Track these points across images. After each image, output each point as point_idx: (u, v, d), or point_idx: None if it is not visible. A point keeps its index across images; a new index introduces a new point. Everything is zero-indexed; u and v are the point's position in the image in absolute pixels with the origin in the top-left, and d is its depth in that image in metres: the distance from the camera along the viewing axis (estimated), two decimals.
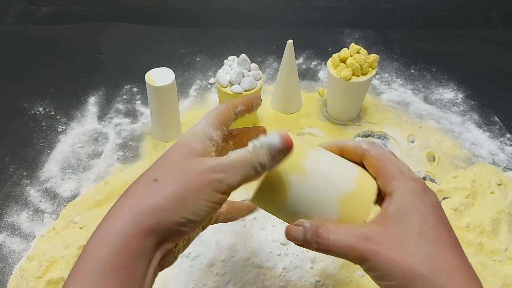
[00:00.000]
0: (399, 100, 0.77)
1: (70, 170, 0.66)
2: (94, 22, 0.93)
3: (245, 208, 0.46)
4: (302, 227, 0.36)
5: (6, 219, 0.60)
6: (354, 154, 0.39)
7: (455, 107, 0.76)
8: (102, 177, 0.65)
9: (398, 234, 0.33)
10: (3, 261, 0.56)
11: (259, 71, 0.67)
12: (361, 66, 0.66)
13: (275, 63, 0.83)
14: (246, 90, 0.65)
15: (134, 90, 0.78)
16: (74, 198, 0.62)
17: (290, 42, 0.67)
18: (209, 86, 0.79)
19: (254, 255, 0.54)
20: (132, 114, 0.74)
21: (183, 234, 0.33)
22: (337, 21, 0.95)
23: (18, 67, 0.83)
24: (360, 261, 0.34)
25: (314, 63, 0.84)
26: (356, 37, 0.90)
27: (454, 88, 0.80)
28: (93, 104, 0.76)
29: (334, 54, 0.68)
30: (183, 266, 0.53)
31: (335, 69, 0.68)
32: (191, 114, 0.74)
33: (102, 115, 0.74)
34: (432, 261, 0.32)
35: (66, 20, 0.94)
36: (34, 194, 0.63)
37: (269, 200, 0.37)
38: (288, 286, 0.52)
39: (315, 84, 0.80)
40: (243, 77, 0.66)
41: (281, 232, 0.56)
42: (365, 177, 0.37)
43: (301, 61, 0.84)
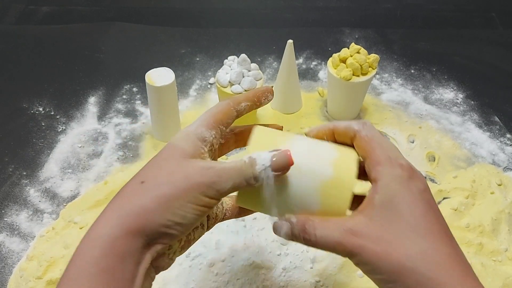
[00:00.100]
0: (399, 100, 0.77)
1: (70, 170, 0.66)
2: (94, 22, 0.93)
3: None
4: (288, 223, 0.35)
5: (5, 219, 0.60)
6: (345, 135, 0.37)
7: (455, 107, 0.76)
8: (102, 177, 0.65)
9: (385, 227, 0.32)
10: (3, 261, 0.56)
11: (259, 71, 0.67)
12: (361, 66, 0.66)
13: (275, 63, 0.83)
14: (246, 90, 0.65)
15: (134, 90, 0.78)
16: (73, 198, 0.62)
17: (290, 42, 0.67)
18: (209, 86, 0.79)
19: (254, 255, 0.54)
20: (132, 114, 0.74)
21: (172, 237, 0.33)
22: (337, 21, 0.95)
23: (18, 67, 0.83)
24: (348, 255, 0.33)
25: (314, 63, 0.84)
26: (356, 37, 0.90)
27: (454, 88, 0.80)
28: (93, 104, 0.76)
29: (334, 54, 0.68)
30: (183, 266, 0.53)
31: (335, 69, 0.68)
32: (191, 114, 0.74)
33: (102, 115, 0.74)
34: (420, 253, 0.31)
35: (66, 20, 0.94)
36: (33, 194, 0.63)
37: (251, 201, 0.37)
38: (288, 286, 0.52)
39: (315, 84, 0.80)
40: (243, 77, 0.66)
41: None
42: (342, 157, 0.36)
43: (301, 61, 0.84)
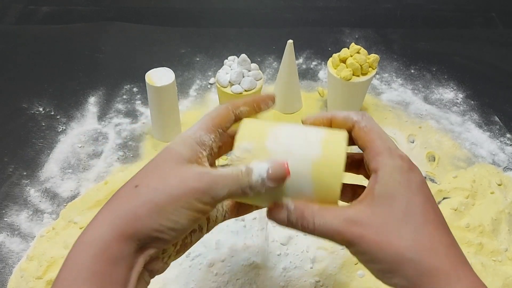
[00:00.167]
0: (399, 100, 0.77)
1: (70, 170, 0.66)
2: (94, 22, 0.93)
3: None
4: (285, 209, 0.35)
5: (5, 219, 0.60)
6: (343, 125, 0.37)
7: (455, 107, 0.76)
8: (102, 177, 0.65)
9: (385, 217, 0.32)
10: (3, 261, 0.56)
11: (259, 71, 0.67)
12: (361, 66, 0.66)
13: (275, 63, 0.83)
14: (246, 90, 0.65)
15: (134, 90, 0.78)
16: (74, 198, 0.62)
17: (290, 42, 0.67)
18: (209, 86, 0.79)
19: (254, 255, 0.54)
20: (132, 114, 0.74)
21: (165, 241, 0.32)
22: (337, 21, 0.95)
23: (18, 67, 0.83)
24: (346, 244, 0.33)
25: (314, 63, 0.84)
26: (356, 37, 0.90)
27: (454, 88, 0.80)
28: (93, 104, 0.76)
29: (334, 54, 0.68)
30: (183, 266, 0.53)
31: (335, 69, 0.68)
32: (191, 114, 0.74)
33: (102, 115, 0.74)
34: (419, 244, 0.32)
35: (66, 20, 0.94)
36: (33, 194, 0.63)
37: None
38: (288, 286, 0.52)
39: (315, 84, 0.80)
40: (243, 77, 0.66)
41: (281, 232, 0.56)
42: (330, 136, 0.36)
43: (301, 61, 0.84)
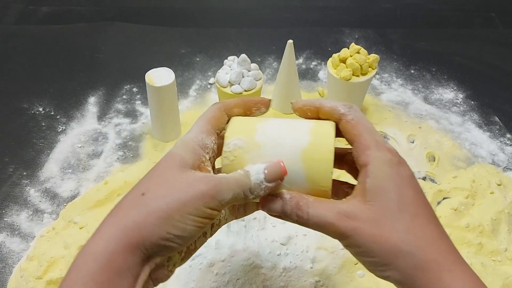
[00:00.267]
0: (399, 100, 0.77)
1: (70, 170, 0.66)
2: (94, 22, 0.93)
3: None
4: (281, 199, 0.35)
5: (5, 219, 0.60)
6: (330, 116, 0.37)
7: (455, 107, 0.76)
8: (102, 177, 0.65)
9: (378, 210, 0.33)
10: (3, 261, 0.56)
11: (259, 71, 0.67)
12: (361, 66, 0.66)
13: (275, 63, 0.83)
14: (246, 90, 0.65)
15: (134, 90, 0.78)
16: (74, 198, 0.62)
17: (290, 42, 0.67)
18: (209, 86, 0.79)
19: (254, 255, 0.54)
20: (132, 114, 0.74)
21: (172, 249, 0.32)
22: (337, 21, 0.95)
23: (18, 67, 0.83)
24: (339, 237, 0.34)
25: (314, 63, 0.84)
26: (356, 37, 0.90)
27: (454, 88, 0.80)
28: (93, 104, 0.76)
29: (334, 54, 0.68)
30: (183, 266, 0.53)
31: (335, 69, 0.68)
32: (191, 114, 0.74)
33: (102, 115, 0.74)
34: (412, 236, 0.32)
35: (66, 20, 0.94)
36: (33, 194, 0.63)
37: None
38: (288, 286, 0.52)
39: (315, 84, 0.80)
40: (243, 77, 0.66)
41: (281, 232, 0.56)
42: (318, 125, 0.37)
43: (301, 61, 0.84)
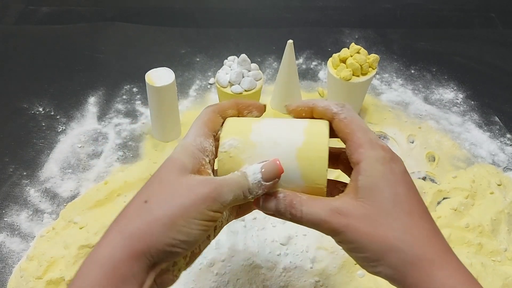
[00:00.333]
0: (399, 100, 0.77)
1: (70, 170, 0.66)
2: (94, 22, 0.93)
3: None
4: (275, 198, 0.35)
5: (5, 219, 0.60)
6: (323, 116, 0.38)
7: (455, 107, 0.76)
8: (102, 177, 0.65)
9: (370, 207, 0.33)
10: (3, 261, 0.56)
11: (259, 71, 0.67)
12: (361, 66, 0.66)
13: (275, 63, 0.83)
14: (246, 90, 0.65)
15: (134, 90, 0.78)
16: (74, 198, 0.62)
17: (290, 42, 0.67)
18: (209, 86, 0.79)
19: (254, 255, 0.54)
20: (132, 114, 0.74)
21: (178, 255, 0.32)
22: (337, 21, 0.95)
23: (18, 67, 0.83)
24: (332, 233, 0.34)
25: (314, 63, 0.84)
26: (356, 37, 0.90)
27: (454, 88, 0.80)
28: (92, 104, 0.76)
29: (334, 54, 0.68)
30: None
31: (335, 69, 0.68)
32: (191, 114, 0.74)
33: (102, 115, 0.74)
34: (404, 233, 0.32)
35: (66, 20, 0.94)
36: (33, 194, 0.63)
37: None
38: (288, 286, 0.52)
39: (315, 84, 0.80)
40: (243, 77, 0.66)
41: (281, 232, 0.56)
42: (313, 125, 0.37)
43: (301, 61, 0.84)
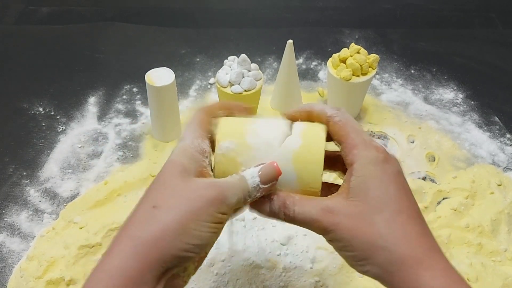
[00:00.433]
0: (399, 100, 0.77)
1: (70, 170, 0.66)
2: (94, 22, 0.93)
3: None
4: (268, 199, 0.36)
5: (5, 219, 0.60)
6: (319, 119, 0.38)
7: (455, 107, 0.76)
8: (102, 177, 0.65)
9: (359, 206, 0.34)
10: (3, 261, 0.56)
11: (259, 71, 0.67)
12: (361, 66, 0.66)
13: (275, 63, 0.83)
14: (246, 90, 0.65)
15: (134, 90, 0.78)
16: (74, 198, 0.62)
17: (290, 42, 0.67)
18: (209, 86, 0.79)
19: (254, 255, 0.54)
20: (132, 114, 0.74)
21: (189, 260, 0.33)
22: (336, 21, 0.95)
23: (18, 67, 0.83)
24: (322, 232, 0.35)
25: (314, 63, 0.84)
26: (356, 37, 0.90)
27: (454, 88, 0.80)
28: (93, 104, 0.76)
29: (334, 54, 0.68)
30: None
31: (335, 69, 0.68)
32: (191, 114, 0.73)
33: (102, 115, 0.74)
34: (391, 232, 0.33)
35: (66, 20, 0.94)
36: (33, 194, 0.63)
37: None
38: (288, 286, 0.52)
39: (315, 84, 0.80)
40: (243, 77, 0.66)
41: (281, 232, 0.56)
42: (309, 128, 0.37)
43: (301, 61, 0.84)
